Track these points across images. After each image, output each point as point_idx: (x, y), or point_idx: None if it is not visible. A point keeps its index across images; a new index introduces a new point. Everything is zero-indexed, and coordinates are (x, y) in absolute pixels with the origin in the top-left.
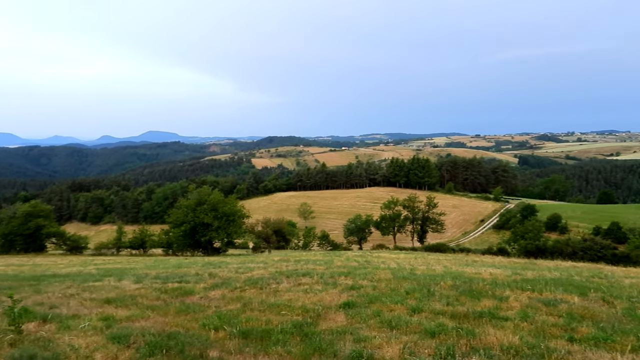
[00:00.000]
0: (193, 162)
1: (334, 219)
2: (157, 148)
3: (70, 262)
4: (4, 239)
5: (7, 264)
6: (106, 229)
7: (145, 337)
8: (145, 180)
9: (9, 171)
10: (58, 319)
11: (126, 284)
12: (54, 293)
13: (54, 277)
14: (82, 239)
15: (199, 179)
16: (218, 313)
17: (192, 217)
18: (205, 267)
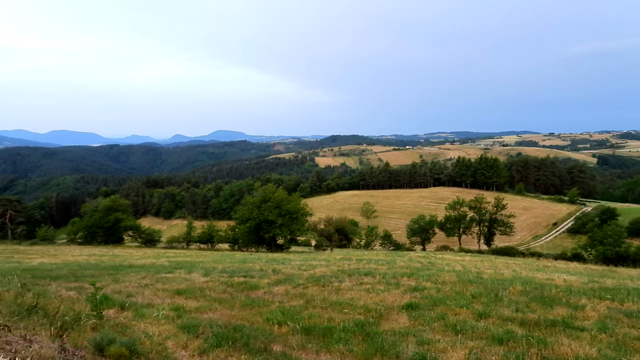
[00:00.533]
0: (258, 160)
1: (397, 218)
2: (225, 147)
3: (144, 254)
4: (87, 230)
5: (89, 254)
6: (177, 224)
7: (212, 328)
8: (214, 178)
9: (92, 168)
10: (134, 307)
11: (195, 277)
12: (131, 283)
13: (131, 267)
14: (156, 233)
15: (263, 177)
16: (281, 308)
17: (257, 214)
18: (269, 263)
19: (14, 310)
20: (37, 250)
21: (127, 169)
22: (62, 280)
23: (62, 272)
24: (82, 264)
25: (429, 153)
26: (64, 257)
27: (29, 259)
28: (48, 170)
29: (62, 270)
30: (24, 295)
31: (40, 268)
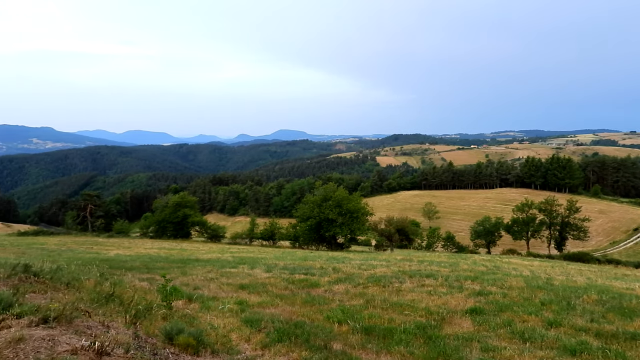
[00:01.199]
0: (320, 159)
1: (460, 220)
2: (287, 146)
3: (210, 249)
4: (158, 225)
5: (160, 247)
6: (240, 220)
7: (274, 323)
8: (276, 176)
9: (163, 166)
10: (200, 300)
11: (258, 272)
12: (197, 276)
13: (197, 261)
14: (221, 229)
15: (324, 175)
16: (342, 307)
17: (318, 212)
18: (329, 261)
19: (93, 297)
20: (114, 243)
21: (195, 167)
22: (136, 271)
23: (135, 264)
24: (154, 256)
25: (495, 152)
26: (137, 250)
27: (106, 250)
28: (124, 167)
29: (136, 262)
30: (103, 284)
31: (116, 259)
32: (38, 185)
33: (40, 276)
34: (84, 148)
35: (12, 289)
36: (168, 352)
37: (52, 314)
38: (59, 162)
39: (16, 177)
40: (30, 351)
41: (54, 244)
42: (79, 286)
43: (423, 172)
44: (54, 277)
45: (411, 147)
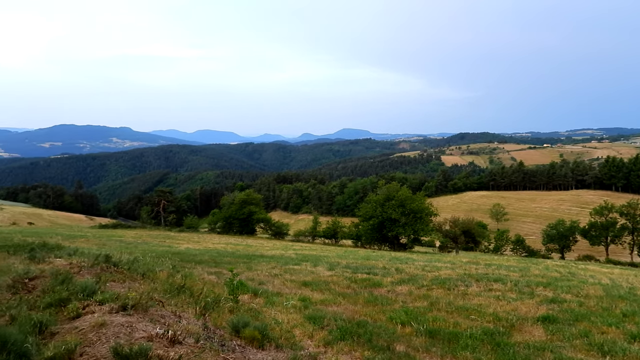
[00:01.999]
0: (383, 158)
1: (531, 222)
2: (350, 145)
3: (274, 246)
4: (225, 221)
5: (227, 243)
6: (303, 218)
7: (337, 321)
8: (339, 175)
9: (230, 164)
10: (265, 295)
11: (320, 270)
12: (262, 271)
13: (262, 257)
14: (284, 226)
15: (387, 175)
16: (405, 308)
17: (381, 212)
18: (392, 261)
19: (166, 288)
20: (184, 237)
21: (260, 165)
22: (204, 265)
23: (204, 258)
24: (221, 251)
25: (570, 152)
26: (206, 244)
27: (177, 244)
28: (194, 165)
29: (204, 256)
30: (174, 276)
31: (186, 253)
32: (117, 182)
33: (119, 266)
34: (157, 147)
35: (95, 278)
36: (235, 344)
37: (130, 302)
38: (135, 160)
39: (98, 174)
40: (111, 336)
41: (131, 237)
42: (153, 277)
43: (491, 172)
44: (131, 268)
45: (478, 146)
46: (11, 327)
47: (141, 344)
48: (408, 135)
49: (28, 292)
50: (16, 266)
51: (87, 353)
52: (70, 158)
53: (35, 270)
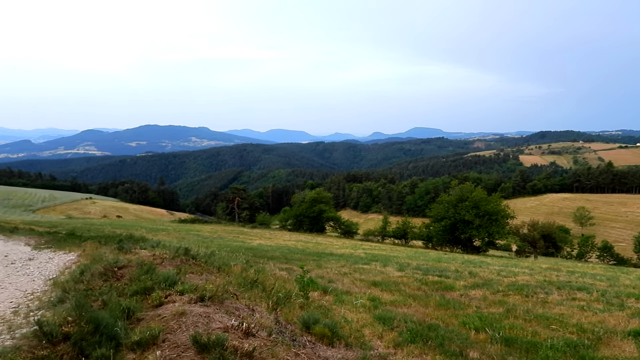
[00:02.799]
0: (456, 157)
1: (621, 228)
2: (422, 144)
3: (343, 244)
4: (295, 218)
5: (297, 240)
6: (373, 218)
7: (407, 323)
8: (409, 175)
9: (301, 162)
10: (334, 293)
11: (390, 270)
12: (331, 269)
13: (331, 255)
14: (353, 225)
15: (461, 175)
16: (479, 314)
17: (453, 213)
18: (465, 264)
19: (240, 282)
20: (256, 233)
21: (330, 164)
22: (276, 261)
23: (275, 254)
24: (291, 248)
25: None
26: (277, 241)
27: (250, 239)
28: (266, 164)
29: (276, 252)
30: (248, 271)
31: (258, 248)
32: (195, 179)
33: (197, 259)
34: (232, 146)
35: (175, 269)
36: (305, 340)
37: (208, 294)
38: (212, 158)
39: (178, 171)
40: (191, 325)
41: (207, 232)
42: (228, 271)
43: (575, 173)
44: (208, 261)
45: (561, 145)
46: (103, 311)
47: (218, 334)
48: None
49: (117, 280)
50: (107, 255)
51: (169, 340)
52: (153, 156)
53: (123, 260)
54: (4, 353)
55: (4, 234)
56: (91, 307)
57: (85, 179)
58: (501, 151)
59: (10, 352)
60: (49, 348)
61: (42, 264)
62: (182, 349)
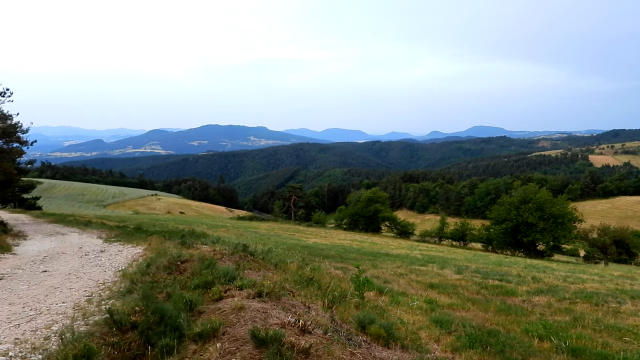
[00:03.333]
0: (519, 157)
1: None
2: (482, 143)
3: (399, 245)
4: (351, 218)
5: (352, 239)
6: (430, 219)
7: (465, 328)
8: (469, 175)
9: (357, 162)
10: (390, 294)
11: (447, 273)
12: (387, 270)
13: (387, 255)
14: (410, 225)
15: (524, 175)
16: (543, 321)
17: (515, 215)
18: (528, 269)
19: (296, 279)
20: (312, 232)
21: (386, 164)
22: (331, 260)
23: (330, 253)
24: (347, 247)
25: None
26: (332, 240)
27: (306, 238)
28: (322, 163)
29: (331, 251)
30: (304, 268)
31: (314, 247)
32: (253, 177)
33: (255, 256)
34: (289, 145)
35: (234, 265)
36: (361, 340)
37: (265, 290)
38: (269, 157)
39: (237, 170)
40: (249, 319)
41: (264, 229)
42: (284, 268)
43: None
44: (265, 258)
45: (636, 145)
46: (167, 303)
47: (275, 330)
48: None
49: (180, 274)
50: (171, 250)
51: (228, 333)
52: (214, 155)
53: (185, 255)
54: (79, 338)
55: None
56: (156, 299)
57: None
58: (569, 151)
59: (85, 337)
60: (118, 335)
61: (112, 256)
62: (240, 342)
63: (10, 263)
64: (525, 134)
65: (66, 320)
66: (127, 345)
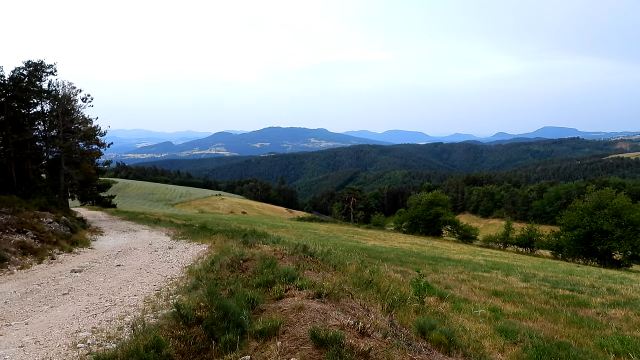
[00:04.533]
0: (593, 160)
1: None
2: (552, 145)
3: (461, 250)
4: (411, 221)
5: (412, 242)
6: (494, 223)
7: (532, 338)
8: (537, 178)
9: (418, 164)
10: (451, 300)
11: (513, 280)
12: (449, 275)
13: (448, 260)
14: (472, 230)
15: (598, 179)
16: (620, 336)
17: (588, 221)
18: (602, 280)
19: (355, 281)
20: (371, 234)
21: (449, 166)
22: (390, 263)
23: (390, 256)
24: (406, 250)
25: None
26: (391, 243)
27: (365, 240)
28: (382, 165)
29: (390, 254)
30: (362, 271)
31: (373, 249)
32: (313, 179)
33: (314, 256)
34: (349, 147)
35: (294, 265)
36: (421, 345)
37: (324, 291)
38: (329, 159)
39: (298, 171)
40: (308, 320)
41: (323, 230)
42: (343, 270)
43: None
44: (324, 259)
45: None
46: (230, 300)
47: (335, 331)
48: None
49: (242, 272)
50: (233, 248)
51: (288, 332)
52: (275, 157)
53: (247, 254)
54: (149, 330)
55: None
56: (220, 295)
57: (215, 177)
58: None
59: (154, 329)
60: (184, 329)
61: (179, 253)
62: (300, 342)
63: (88, 257)
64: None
65: (137, 312)
66: (193, 339)
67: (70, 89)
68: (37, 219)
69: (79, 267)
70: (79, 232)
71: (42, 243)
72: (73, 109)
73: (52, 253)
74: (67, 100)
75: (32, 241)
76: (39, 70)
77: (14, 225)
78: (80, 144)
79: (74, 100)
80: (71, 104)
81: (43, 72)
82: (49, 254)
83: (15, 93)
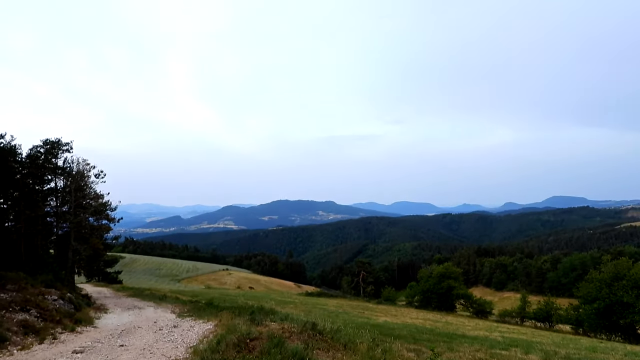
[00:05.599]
0: (606, 229)
1: None
2: (562, 214)
3: (476, 325)
4: (422, 295)
5: (424, 318)
6: (509, 296)
7: None
8: (549, 248)
9: (427, 235)
10: None
11: (533, 359)
12: (465, 353)
13: (463, 337)
14: (487, 304)
15: (613, 249)
16: None
17: (607, 293)
18: (628, 357)
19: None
20: (382, 309)
21: (458, 237)
22: (403, 340)
23: (402, 333)
24: (419, 327)
25: None
26: (403, 319)
27: (376, 316)
28: (391, 237)
29: (402, 331)
30: (374, 350)
31: (384, 326)
32: (321, 252)
33: (324, 334)
34: (357, 219)
35: (303, 344)
36: None
37: None
38: (337, 231)
39: (306, 244)
40: None
41: (333, 306)
42: (354, 348)
43: None
44: (334, 337)
45: None
46: None
47: None
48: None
49: (249, 352)
50: (240, 326)
51: None
52: (283, 230)
53: (254, 332)
54: None
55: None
56: None
57: (224, 250)
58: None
59: None
60: None
61: (184, 332)
62: None
63: (91, 336)
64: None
65: None
66: None
67: (84, 166)
68: (42, 296)
69: (81, 348)
70: (84, 310)
71: (44, 322)
72: (86, 184)
73: (54, 332)
74: (80, 176)
75: (34, 320)
76: (56, 148)
77: (18, 303)
78: (91, 219)
79: (87, 177)
80: (84, 180)
81: (59, 150)
82: (51, 334)
83: (31, 170)
